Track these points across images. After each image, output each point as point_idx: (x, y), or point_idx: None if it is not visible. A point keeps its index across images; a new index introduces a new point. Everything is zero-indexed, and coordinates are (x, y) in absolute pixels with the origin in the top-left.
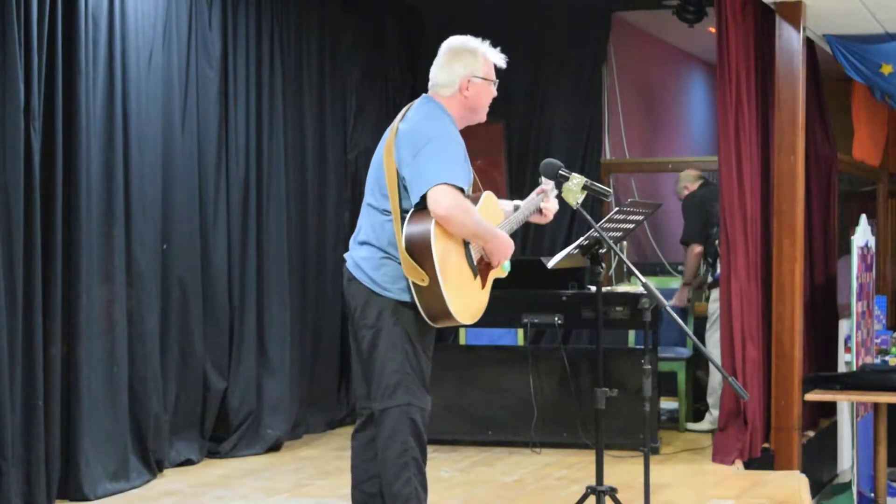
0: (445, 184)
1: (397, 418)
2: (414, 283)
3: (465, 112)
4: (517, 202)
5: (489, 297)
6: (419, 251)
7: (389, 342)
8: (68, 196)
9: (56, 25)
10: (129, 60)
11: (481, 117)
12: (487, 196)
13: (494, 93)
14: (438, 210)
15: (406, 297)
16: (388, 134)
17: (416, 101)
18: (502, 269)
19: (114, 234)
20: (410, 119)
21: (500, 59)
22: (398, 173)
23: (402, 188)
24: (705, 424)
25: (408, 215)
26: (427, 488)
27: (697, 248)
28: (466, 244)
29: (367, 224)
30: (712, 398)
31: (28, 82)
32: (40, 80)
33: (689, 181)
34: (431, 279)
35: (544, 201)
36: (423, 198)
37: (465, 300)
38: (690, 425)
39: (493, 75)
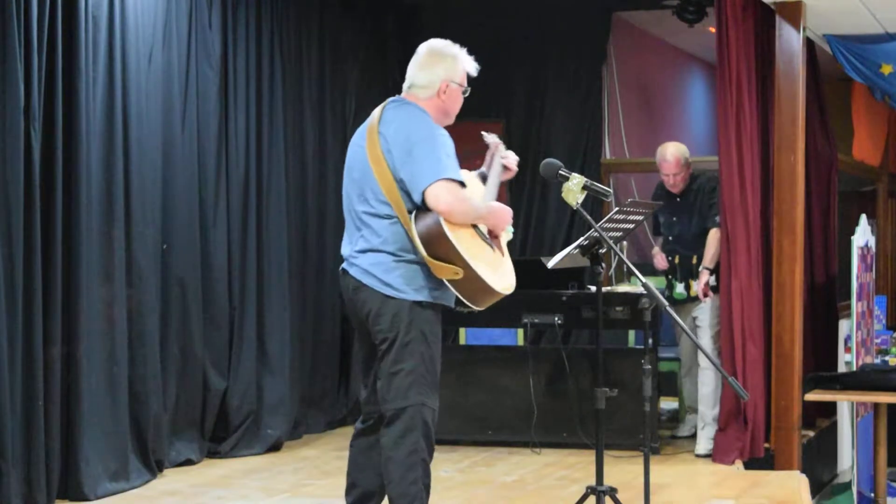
0: (441, 179)
1: (411, 419)
2: (449, 280)
3: (440, 115)
4: (482, 170)
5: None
6: (438, 246)
7: (405, 344)
8: (68, 196)
9: (56, 25)
10: (129, 60)
11: (450, 121)
12: (468, 177)
13: (461, 100)
14: (440, 206)
15: (421, 297)
16: (366, 140)
17: (389, 105)
18: (508, 234)
19: (114, 234)
20: (391, 122)
21: (473, 68)
22: (394, 177)
23: (403, 191)
24: (685, 430)
25: (412, 216)
26: (430, 491)
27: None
28: (474, 225)
29: (368, 232)
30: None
31: (28, 82)
32: (40, 80)
33: (688, 156)
34: (464, 268)
35: (502, 158)
36: (424, 197)
37: (499, 273)
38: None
39: (466, 82)
